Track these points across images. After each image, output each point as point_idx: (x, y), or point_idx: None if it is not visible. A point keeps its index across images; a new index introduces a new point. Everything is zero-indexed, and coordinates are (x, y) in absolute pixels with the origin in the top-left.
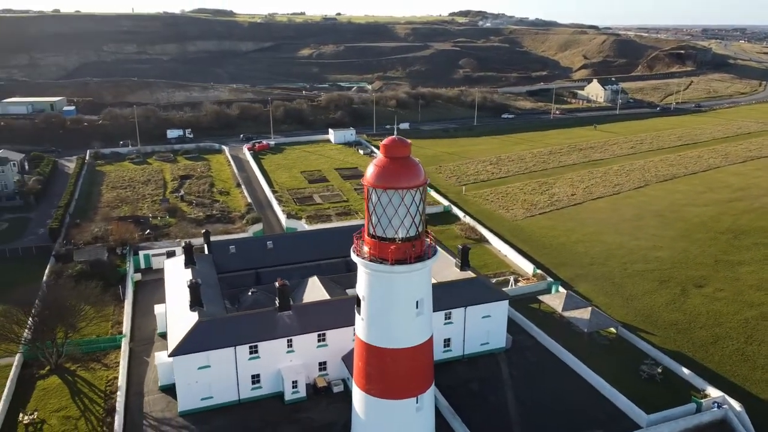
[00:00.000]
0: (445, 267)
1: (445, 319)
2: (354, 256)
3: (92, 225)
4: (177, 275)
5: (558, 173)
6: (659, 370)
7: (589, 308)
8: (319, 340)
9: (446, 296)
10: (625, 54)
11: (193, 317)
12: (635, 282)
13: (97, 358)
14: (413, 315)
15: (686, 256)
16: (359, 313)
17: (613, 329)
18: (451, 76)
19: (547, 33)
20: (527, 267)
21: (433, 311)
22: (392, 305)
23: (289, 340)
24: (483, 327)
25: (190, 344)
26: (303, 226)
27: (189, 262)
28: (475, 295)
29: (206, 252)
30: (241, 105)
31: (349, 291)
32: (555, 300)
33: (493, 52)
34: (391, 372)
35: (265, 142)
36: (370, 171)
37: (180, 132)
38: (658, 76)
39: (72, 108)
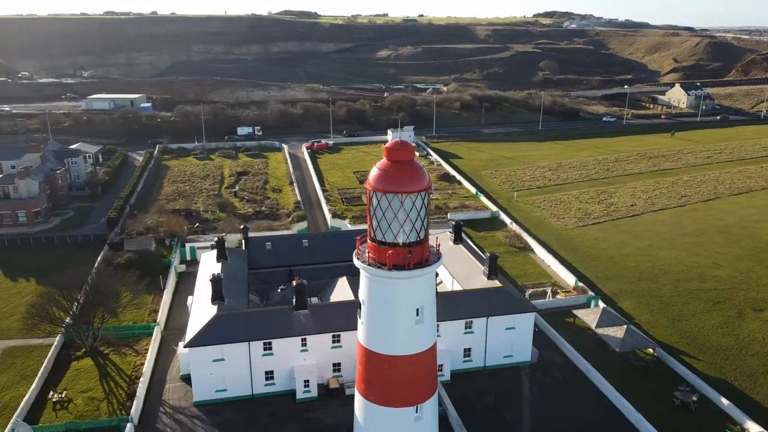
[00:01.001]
0: (472, 274)
1: (466, 328)
2: (354, 259)
3: (147, 216)
4: (209, 268)
5: (620, 182)
6: (694, 398)
7: (625, 326)
8: (333, 341)
9: (468, 304)
10: (720, 57)
11: (212, 310)
12: (686, 301)
13: (129, 343)
14: (413, 322)
15: (749, 276)
16: (360, 316)
17: (651, 350)
18: (529, 78)
19: (636, 35)
20: (569, 279)
21: (454, 319)
22: (391, 311)
23: (303, 339)
24: (506, 339)
25: (205, 337)
26: (347, 225)
27: (220, 257)
28: (499, 306)
29: (243, 247)
30: (305, 104)
31: None
32: (590, 315)
33: (575, 54)
34: (389, 379)
35: (323, 141)
36: (372, 174)
37: (250, 129)
38: (752, 82)
39: (149, 105)
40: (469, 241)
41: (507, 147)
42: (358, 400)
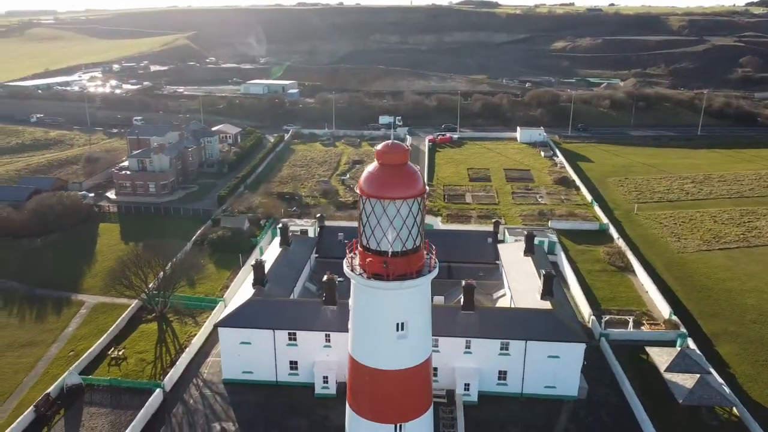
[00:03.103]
0: (529, 291)
1: (501, 348)
2: (344, 262)
3: (253, 197)
4: (271, 252)
5: None
6: None
7: (698, 376)
8: None
9: (505, 324)
10: None
11: (249, 294)
12: None
13: (194, 314)
14: (393, 337)
15: None
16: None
17: (732, 409)
18: (725, 75)
19: None
20: (664, 310)
21: (488, 337)
22: (371, 321)
23: (327, 335)
24: (548, 368)
25: (235, 319)
26: (438, 224)
27: (283, 242)
28: (542, 330)
29: (315, 235)
30: (440, 96)
31: (435, 298)
32: (662, 356)
33: None
34: (368, 391)
35: (448, 135)
36: (362, 174)
37: (390, 119)
38: None
39: (296, 91)
40: (562, 255)
41: (651, 152)
42: (347, 408)
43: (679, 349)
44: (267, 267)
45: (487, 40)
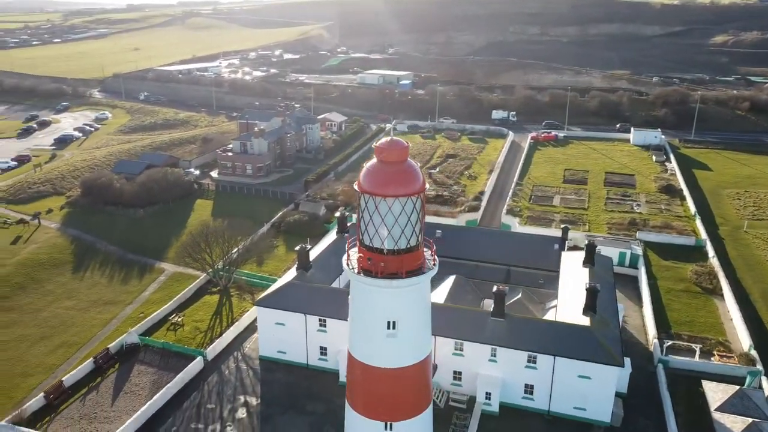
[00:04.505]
0: (573, 306)
1: (528, 361)
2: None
3: (337, 184)
4: (327, 240)
5: None
6: None
7: (750, 420)
8: None
9: (534, 336)
10: None
11: (290, 277)
12: None
13: (253, 291)
14: (383, 335)
15: None
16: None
17: None
18: None
19: None
20: (745, 342)
21: (513, 348)
22: (363, 317)
23: None
24: (578, 388)
25: (272, 299)
26: (516, 225)
27: (339, 231)
28: (574, 348)
29: None
30: (553, 92)
31: (486, 301)
32: (717, 393)
33: None
34: (360, 385)
35: (553, 133)
36: (362, 171)
37: (504, 114)
38: None
39: (409, 82)
40: (643, 270)
41: None
42: (346, 401)
43: (736, 388)
44: (316, 253)
45: (636, 33)
